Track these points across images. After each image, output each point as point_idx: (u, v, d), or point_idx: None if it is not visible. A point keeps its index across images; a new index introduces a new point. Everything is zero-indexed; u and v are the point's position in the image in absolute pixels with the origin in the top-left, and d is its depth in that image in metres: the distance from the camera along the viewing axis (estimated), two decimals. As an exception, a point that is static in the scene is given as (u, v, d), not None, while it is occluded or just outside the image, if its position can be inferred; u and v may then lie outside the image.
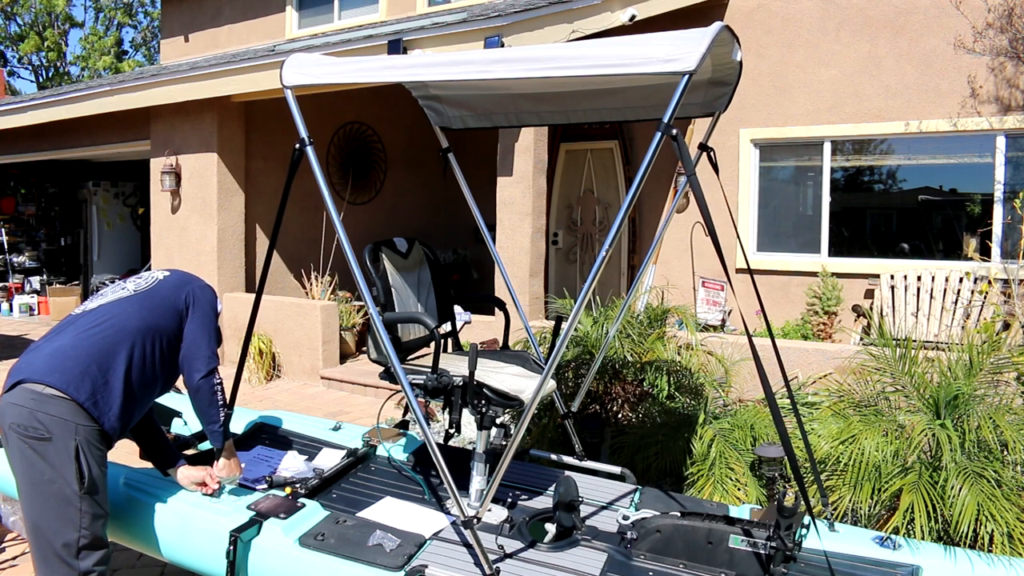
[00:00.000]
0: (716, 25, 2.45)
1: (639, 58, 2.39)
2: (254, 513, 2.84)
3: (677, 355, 4.60)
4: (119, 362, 2.70)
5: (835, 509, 3.28)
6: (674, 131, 2.39)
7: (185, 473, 3.04)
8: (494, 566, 2.56)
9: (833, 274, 7.43)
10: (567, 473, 3.34)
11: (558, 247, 9.60)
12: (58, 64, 25.87)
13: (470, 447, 4.26)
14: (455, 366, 3.17)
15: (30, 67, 26.00)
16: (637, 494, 3.27)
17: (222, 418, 2.96)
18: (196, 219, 8.46)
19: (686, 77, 2.34)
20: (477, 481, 2.96)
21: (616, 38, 2.54)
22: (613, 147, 9.04)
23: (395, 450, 3.59)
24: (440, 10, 8.94)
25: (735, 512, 3.10)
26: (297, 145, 2.91)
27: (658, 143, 2.40)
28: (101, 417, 2.62)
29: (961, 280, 6.69)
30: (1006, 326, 5.71)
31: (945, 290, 6.74)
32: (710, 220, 2.46)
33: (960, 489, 3.04)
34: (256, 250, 8.81)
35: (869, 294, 7.37)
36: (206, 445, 3.69)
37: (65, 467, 2.54)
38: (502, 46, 5.96)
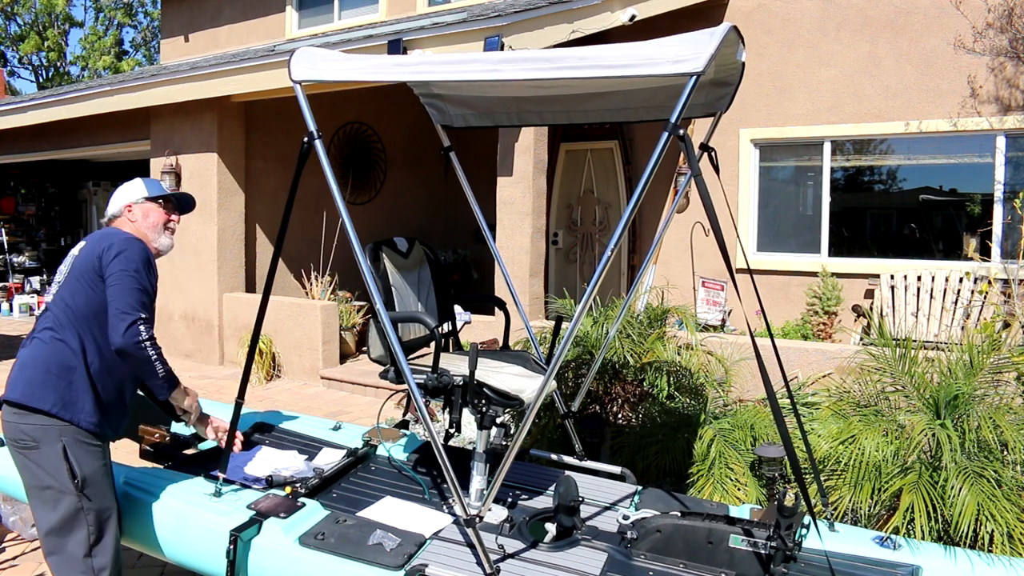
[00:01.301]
0: (724, 26, 2.45)
1: (648, 59, 2.39)
2: (254, 512, 2.84)
3: (677, 355, 4.60)
4: (75, 359, 2.67)
5: (835, 509, 3.28)
6: (681, 131, 2.39)
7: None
8: (495, 565, 2.57)
9: (833, 274, 7.43)
10: (567, 473, 3.33)
11: (558, 247, 9.60)
12: (58, 64, 25.87)
13: (470, 447, 4.26)
14: (455, 366, 3.17)
15: (30, 67, 26.02)
16: (637, 494, 3.27)
17: (162, 372, 2.74)
18: (196, 219, 8.46)
19: (694, 78, 2.34)
20: (477, 481, 2.96)
21: (623, 44, 2.53)
22: (613, 147, 9.04)
23: (395, 450, 3.59)
24: (440, 10, 8.94)
25: (735, 512, 3.10)
26: (306, 139, 2.86)
27: (665, 143, 2.40)
28: (74, 418, 2.63)
29: (961, 280, 6.69)
30: (1006, 326, 5.71)
31: (945, 290, 6.74)
32: (716, 220, 2.45)
33: (960, 489, 3.04)
34: (256, 250, 8.81)
35: (869, 294, 7.38)
36: (206, 445, 3.69)
37: (58, 469, 2.60)
38: (502, 46, 5.96)
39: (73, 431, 2.62)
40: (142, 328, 2.66)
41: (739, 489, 3.64)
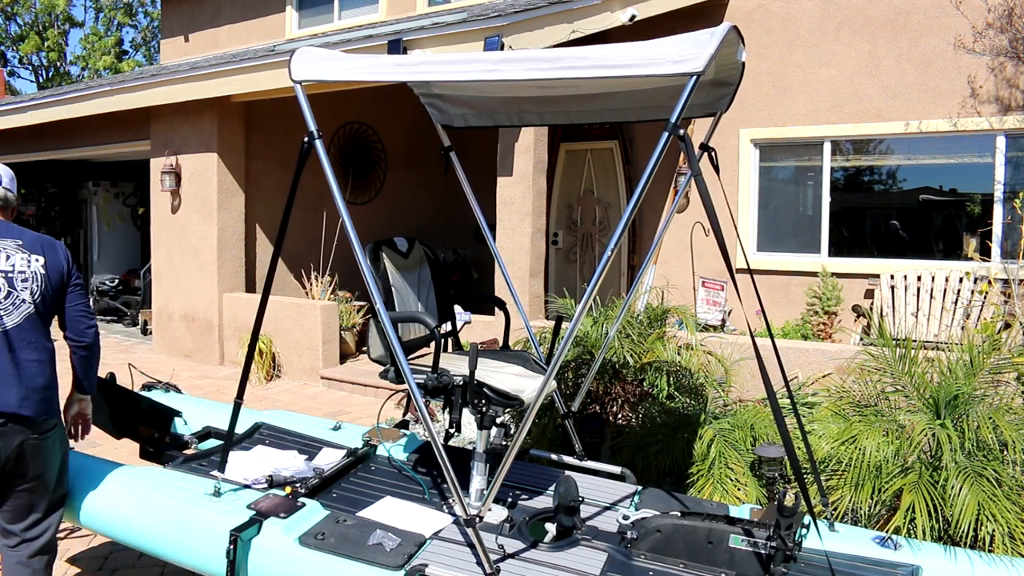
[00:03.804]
0: (724, 26, 2.45)
1: (648, 59, 2.40)
2: (254, 512, 2.84)
3: (677, 355, 4.60)
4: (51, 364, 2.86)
5: (835, 509, 3.28)
6: (681, 131, 2.39)
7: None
8: (495, 565, 2.56)
9: (833, 274, 7.43)
10: (567, 473, 3.33)
11: (558, 247, 9.60)
12: (58, 64, 25.86)
13: (470, 447, 4.25)
14: (455, 366, 3.17)
15: (30, 67, 26.00)
16: (637, 494, 3.27)
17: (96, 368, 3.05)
18: (196, 219, 8.46)
19: (694, 78, 2.35)
20: (477, 481, 2.96)
21: (623, 44, 2.53)
22: (613, 147, 9.04)
23: (395, 450, 3.59)
24: (440, 10, 8.94)
25: (735, 512, 3.10)
26: (306, 139, 2.85)
27: (665, 143, 2.40)
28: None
29: (961, 280, 6.69)
30: (1006, 326, 5.71)
31: (945, 290, 6.74)
32: (716, 220, 2.46)
33: (960, 489, 3.04)
34: (256, 250, 8.81)
35: (869, 294, 7.37)
36: (206, 445, 3.69)
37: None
38: (502, 46, 5.96)
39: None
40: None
41: (739, 489, 3.64)
